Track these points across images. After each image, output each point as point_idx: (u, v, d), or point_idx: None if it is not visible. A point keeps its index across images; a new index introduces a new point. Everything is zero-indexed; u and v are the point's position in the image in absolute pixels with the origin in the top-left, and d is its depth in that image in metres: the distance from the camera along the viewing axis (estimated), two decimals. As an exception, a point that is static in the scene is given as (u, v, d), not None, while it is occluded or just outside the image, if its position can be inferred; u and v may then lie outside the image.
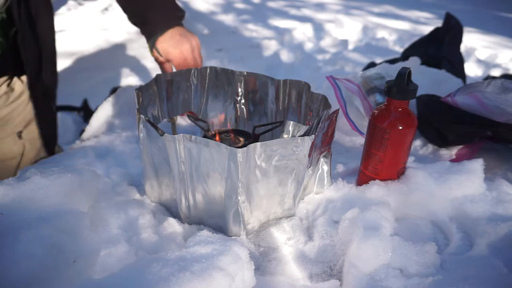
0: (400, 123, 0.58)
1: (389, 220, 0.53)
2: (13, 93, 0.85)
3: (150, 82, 0.67)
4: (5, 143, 0.85)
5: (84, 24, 3.37)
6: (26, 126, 0.89)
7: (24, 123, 0.88)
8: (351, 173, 0.71)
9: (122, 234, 0.55)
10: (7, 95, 0.84)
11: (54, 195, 0.51)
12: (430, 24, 3.72)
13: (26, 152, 0.89)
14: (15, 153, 0.87)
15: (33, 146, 0.91)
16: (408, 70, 0.57)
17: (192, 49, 0.87)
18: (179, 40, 0.85)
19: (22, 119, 0.88)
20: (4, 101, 0.83)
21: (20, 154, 0.88)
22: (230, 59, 2.73)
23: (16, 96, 0.85)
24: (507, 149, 0.78)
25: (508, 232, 0.51)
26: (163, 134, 0.52)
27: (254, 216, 0.57)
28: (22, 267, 0.41)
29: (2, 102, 0.83)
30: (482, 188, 0.60)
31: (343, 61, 2.66)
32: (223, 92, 0.76)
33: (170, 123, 0.82)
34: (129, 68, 2.52)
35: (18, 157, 0.88)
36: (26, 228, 0.45)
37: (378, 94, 0.86)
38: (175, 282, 0.41)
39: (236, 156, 0.49)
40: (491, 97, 0.71)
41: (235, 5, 4.48)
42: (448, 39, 1.36)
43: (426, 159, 0.79)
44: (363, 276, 0.46)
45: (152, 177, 0.61)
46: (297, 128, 0.55)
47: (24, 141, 0.88)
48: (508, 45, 3.18)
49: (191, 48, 0.87)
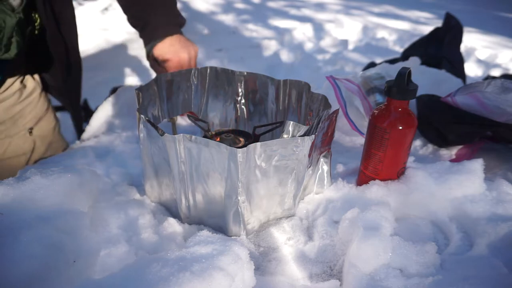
0: (400, 123, 0.58)
1: (389, 220, 0.53)
2: (25, 90, 0.86)
3: (150, 82, 0.67)
4: (16, 139, 0.86)
5: (84, 24, 3.37)
6: (37, 123, 0.90)
7: (35, 120, 0.89)
8: (351, 173, 0.71)
9: (122, 234, 0.54)
10: (20, 92, 0.85)
11: (54, 195, 0.51)
12: (430, 24, 3.72)
13: (36, 148, 0.90)
14: (25, 149, 0.88)
15: (43, 142, 0.92)
16: (408, 70, 0.57)
17: (189, 58, 0.88)
18: (178, 49, 0.86)
19: (34, 116, 0.89)
20: (17, 98, 0.84)
21: (30, 151, 0.89)
22: (230, 59, 2.73)
23: (28, 93, 0.87)
24: (507, 149, 0.78)
25: (508, 232, 0.51)
26: (163, 134, 0.52)
27: (254, 216, 0.57)
28: (22, 267, 0.41)
29: (15, 99, 0.84)
30: (482, 188, 0.60)
31: (343, 61, 2.66)
32: (223, 92, 0.76)
33: (170, 123, 0.82)
34: (129, 68, 2.52)
35: (28, 154, 0.89)
36: (26, 228, 0.45)
37: (378, 94, 0.86)
38: (175, 282, 0.41)
39: (236, 156, 0.49)
40: (491, 97, 0.71)
41: (235, 5, 4.48)
42: (448, 39, 1.36)
43: (426, 159, 0.79)
44: (363, 276, 0.46)
45: (152, 177, 0.61)
46: (297, 128, 0.55)
47: (35, 138, 0.89)
48: (508, 45, 3.18)
49: (189, 58, 0.88)
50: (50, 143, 0.94)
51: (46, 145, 0.92)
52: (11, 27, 0.70)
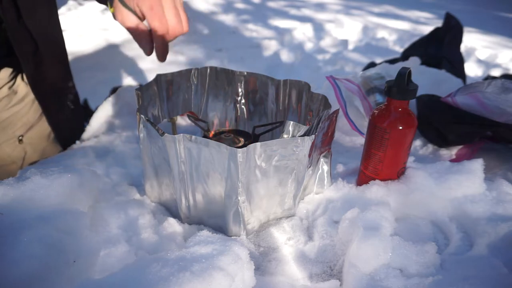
0: (400, 123, 0.58)
1: (389, 220, 0.53)
2: (15, 96, 0.82)
3: (150, 82, 0.67)
4: (3, 148, 0.82)
5: (84, 24, 3.37)
6: (28, 130, 0.86)
7: (26, 127, 0.85)
8: (351, 173, 0.71)
9: (122, 234, 0.54)
10: (8, 98, 0.81)
11: (54, 195, 0.51)
12: (430, 24, 3.72)
13: (27, 157, 0.86)
14: (14, 158, 0.84)
15: (35, 150, 0.88)
16: (408, 70, 0.57)
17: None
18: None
19: (24, 123, 0.85)
20: (4, 104, 0.80)
21: (21, 159, 0.85)
22: (230, 59, 2.73)
23: (19, 99, 0.82)
24: (507, 149, 0.78)
25: (508, 232, 0.51)
26: (163, 134, 0.52)
27: (254, 216, 0.57)
28: (22, 267, 0.41)
29: (2, 106, 0.80)
30: (482, 188, 0.60)
31: (343, 61, 2.67)
32: (223, 92, 0.76)
33: (170, 123, 0.82)
34: (129, 68, 2.52)
35: (18, 162, 0.85)
36: (26, 228, 0.45)
37: (378, 94, 0.86)
38: (175, 282, 0.41)
39: (236, 156, 0.49)
40: (491, 97, 0.71)
41: (235, 5, 4.48)
42: (448, 39, 1.36)
43: (426, 159, 0.79)
44: (363, 276, 0.46)
45: (152, 177, 0.61)
46: (297, 128, 0.55)
47: (25, 146, 0.85)
48: (508, 45, 3.18)
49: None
50: (43, 151, 0.89)
51: (38, 153, 0.88)
52: None
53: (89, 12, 3.70)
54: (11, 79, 0.82)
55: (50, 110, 0.86)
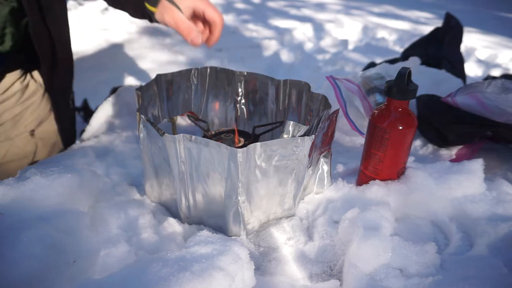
0: (400, 123, 0.58)
1: (389, 220, 0.53)
2: (27, 91, 0.84)
3: (150, 82, 0.67)
4: (17, 142, 0.84)
5: (84, 24, 3.37)
6: (39, 125, 0.87)
7: (37, 122, 0.87)
8: (351, 173, 0.71)
9: (122, 234, 0.54)
10: (21, 92, 0.82)
11: (54, 195, 0.51)
12: (430, 24, 3.72)
13: (38, 151, 0.88)
14: (27, 152, 0.86)
15: (45, 145, 0.89)
16: (408, 70, 0.57)
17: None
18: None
19: (36, 117, 0.86)
20: (17, 99, 0.82)
21: (32, 153, 0.87)
22: (230, 59, 2.73)
23: (30, 93, 0.84)
24: (507, 149, 0.78)
25: (508, 232, 0.51)
26: (163, 134, 0.52)
27: (254, 216, 0.57)
28: (22, 267, 0.41)
29: (15, 100, 0.81)
30: (482, 188, 0.60)
31: (343, 61, 2.67)
32: (223, 92, 0.76)
33: (170, 123, 0.82)
34: (129, 68, 2.52)
35: (30, 156, 0.87)
36: (26, 228, 0.45)
37: (378, 94, 0.86)
38: (175, 282, 0.41)
39: (236, 156, 0.49)
40: (491, 97, 0.71)
41: (235, 5, 4.48)
42: (448, 39, 1.36)
43: (426, 159, 0.79)
44: (363, 276, 0.46)
45: (152, 177, 0.61)
46: (297, 128, 0.55)
47: (37, 140, 0.87)
48: (508, 45, 3.18)
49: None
50: (53, 145, 0.91)
51: (49, 148, 0.90)
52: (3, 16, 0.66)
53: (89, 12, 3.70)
54: (21, 75, 0.83)
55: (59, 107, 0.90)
